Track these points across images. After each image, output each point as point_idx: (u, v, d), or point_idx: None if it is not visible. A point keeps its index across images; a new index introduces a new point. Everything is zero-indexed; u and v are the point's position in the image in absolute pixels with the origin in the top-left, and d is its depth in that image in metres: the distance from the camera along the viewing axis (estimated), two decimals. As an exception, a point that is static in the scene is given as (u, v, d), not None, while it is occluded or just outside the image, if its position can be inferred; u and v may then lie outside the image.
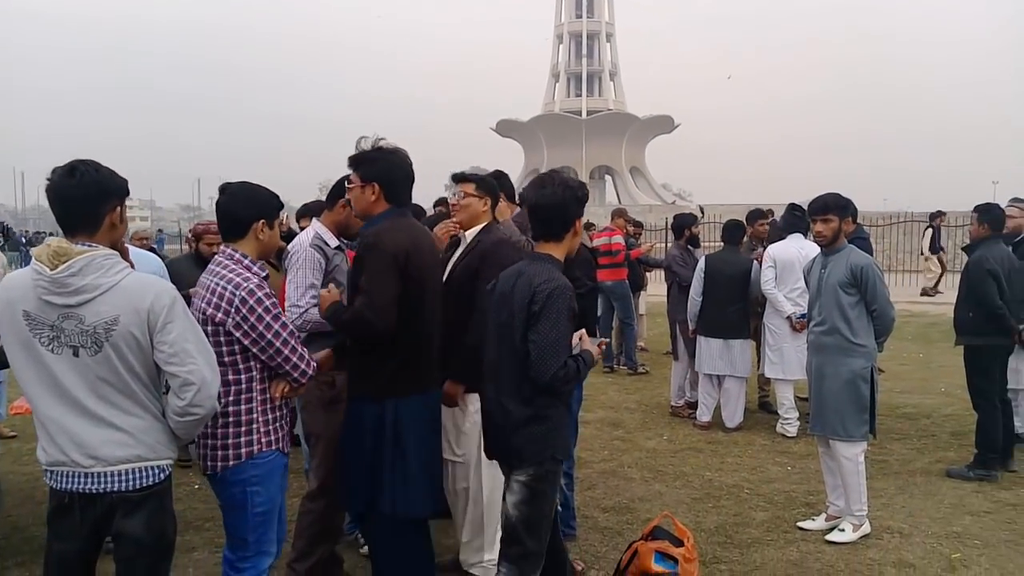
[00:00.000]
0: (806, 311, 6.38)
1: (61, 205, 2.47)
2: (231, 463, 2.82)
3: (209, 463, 2.85)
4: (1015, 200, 6.25)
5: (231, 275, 2.81)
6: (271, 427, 2.91)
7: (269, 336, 2.80)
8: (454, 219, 3.85)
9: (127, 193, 2.58)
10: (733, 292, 6.93)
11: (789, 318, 6.75)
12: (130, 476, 2.46)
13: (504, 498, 3.08)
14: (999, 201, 6.02)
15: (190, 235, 6.13)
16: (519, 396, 3.00)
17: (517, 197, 4.84)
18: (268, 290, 2.85)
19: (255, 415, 2.86)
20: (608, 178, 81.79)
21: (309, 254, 3.82)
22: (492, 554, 3.86)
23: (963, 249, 6.16)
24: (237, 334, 2.77)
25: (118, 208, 2.54)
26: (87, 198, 2.46)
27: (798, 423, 6.67)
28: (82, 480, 2.44)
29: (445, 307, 3.78)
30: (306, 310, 3.65)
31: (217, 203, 2.99)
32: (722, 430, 6.91)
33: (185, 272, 5.42)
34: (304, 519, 3.82)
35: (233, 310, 2.75)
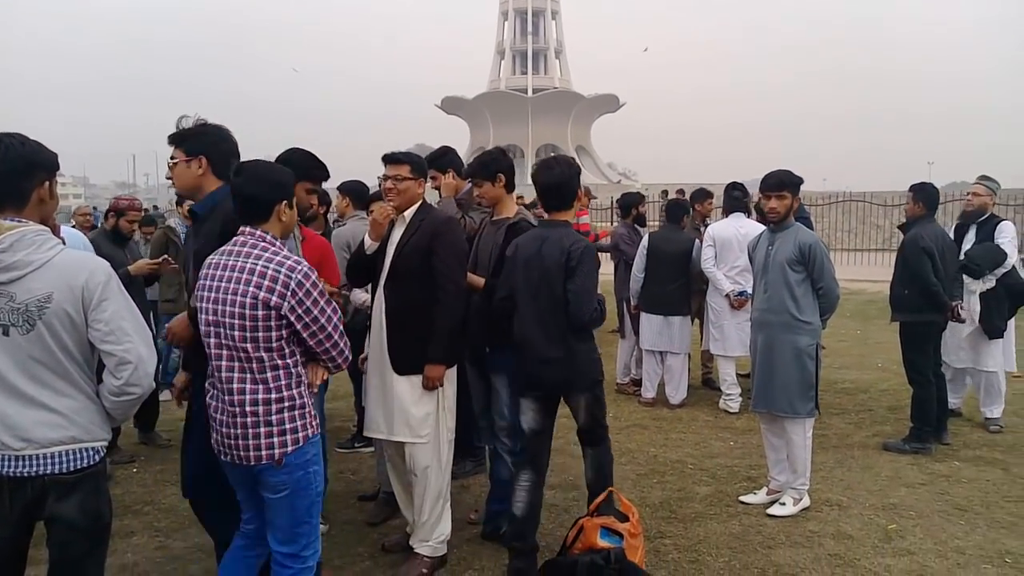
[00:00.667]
0: (745, 289, 6.51)
1: None
2: (290, 448, 2.75)
3: (265, 452, 2.73)
4: (982, 178, 6.27)
5: (281, 258, 2.73)
6: (314, 410, 2.88)
7: (323, 320, 2.76)
8: (391, 202, 3.81)
9: (56, 168, 2.48)
10: (674, 269, 6.98)
11: (728, 296, 6.86)
12: (63, 458, 2.38)
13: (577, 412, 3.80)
14: (934, 180, 6.13)
15: (110, 211, 5.80)
16: (559, 336, 3.64)
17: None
18: (317, 273, 2.80)
19: (305, 398, 2.82)
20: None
21: None
22: (441, 529, 3.87)
23: (898, 227, 6.29)
24: (291, 318, 2.70)
25: (47, 183, 2.44)
26: (13, 172, 2.36)
27: (740, 399, 6.79)
28: (12, 463, 2.34)
29: (397, 288, 3.75)
30: None
31: (237, 185, 2.84)
32: (666, 406, 6.99)
33: (106, 251, 5.21)
34: None
35: (289, 293, 2.68)
